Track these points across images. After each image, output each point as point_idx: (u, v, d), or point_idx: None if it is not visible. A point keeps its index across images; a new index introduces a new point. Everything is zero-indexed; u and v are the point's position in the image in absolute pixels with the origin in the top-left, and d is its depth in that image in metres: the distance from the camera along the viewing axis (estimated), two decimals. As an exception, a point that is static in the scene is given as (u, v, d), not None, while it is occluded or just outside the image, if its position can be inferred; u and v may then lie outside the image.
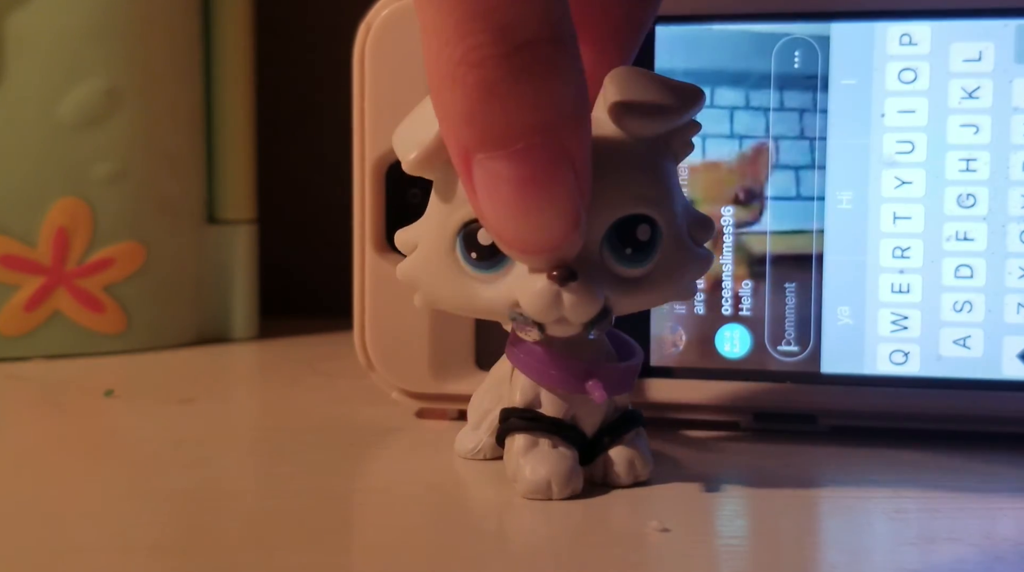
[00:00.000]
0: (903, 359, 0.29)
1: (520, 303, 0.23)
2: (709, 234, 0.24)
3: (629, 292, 0.23)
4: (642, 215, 0.23)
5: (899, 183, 0.29)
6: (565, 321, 0.23)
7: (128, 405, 0.34)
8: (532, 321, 0.23)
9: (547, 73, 0.20)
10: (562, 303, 0.22)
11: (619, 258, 0.23)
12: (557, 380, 0.25)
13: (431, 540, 0.23)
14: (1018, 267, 0.29)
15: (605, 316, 0.23)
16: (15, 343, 0.41)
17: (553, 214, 0.21)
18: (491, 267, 0.23)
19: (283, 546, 0.22)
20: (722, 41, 0.30)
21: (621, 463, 0.25)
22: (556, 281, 0.22)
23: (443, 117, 0.21)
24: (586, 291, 0.22)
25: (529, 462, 0.24)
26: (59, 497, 0.25)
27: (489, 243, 0.23)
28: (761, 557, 0.22)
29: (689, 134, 0.24)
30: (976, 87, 0.29)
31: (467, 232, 0.23)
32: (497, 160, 0.21)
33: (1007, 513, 0.24)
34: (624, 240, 0.23)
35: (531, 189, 0.21)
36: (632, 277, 0.23)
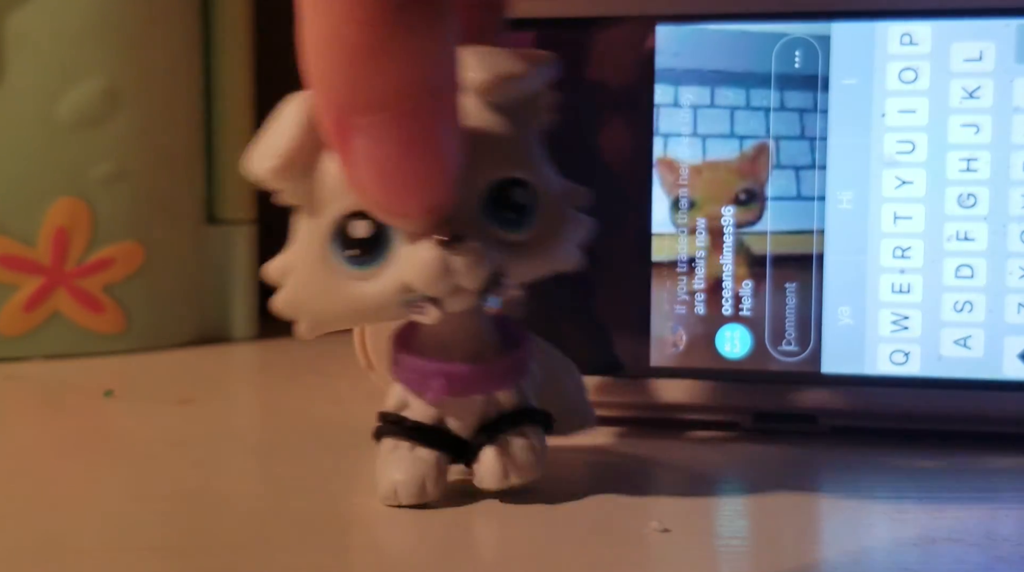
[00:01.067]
0: (904, 359, 0.29)
1: (410, 280, 0.22)
2: (583, 199, 0.24)
3: (518, 256, 0.23)
4: (515, 178, 0.23)
5: (900, 183, 0.29)
6: (460, 290, 0.22)
7: (127, 405, 0.34)
8: (426, 298, 0.22)
9: (431, 30, 0.20)
10: (453, 268, 0.22)
11: (501, 223, 0.23)
12: (405, 380, 0.24)
13: (432, 539, 0.23)
14: (1019, 267, 0.29)
15: (498, 281, 0.23)
16: (14, 343, 0.41)
17: (433, 176, 0.21)
18: (372, 260, 0.23)
19: (283, 546, 0.22)
20: (722, 41, 0.30)
21: (485, 466, 0.24)
22: (443, 245, 0.22)
23: (321, 83, 0.21)
24: (475, 252, 0.22)
25: (381, 467, 0.24)
26: (59, 497, 0.25)
27: (364, 234, 0.22)
28: (761, 557, 0.22)
29: (548, 101, 0.24)
30: (977, 87, 0.29)
31: (339, 231, 0.23)
32: (379, 124, 0.20)
33: (1008, 513, 0.24)
34: (502, 204, 0.23)
35: (413, 151, 0.21)
36: (518, 242, 0.23)
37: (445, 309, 0.23)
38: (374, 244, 0.22)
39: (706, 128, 0.30)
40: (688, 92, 0.30)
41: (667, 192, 0.30)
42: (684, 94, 0.30)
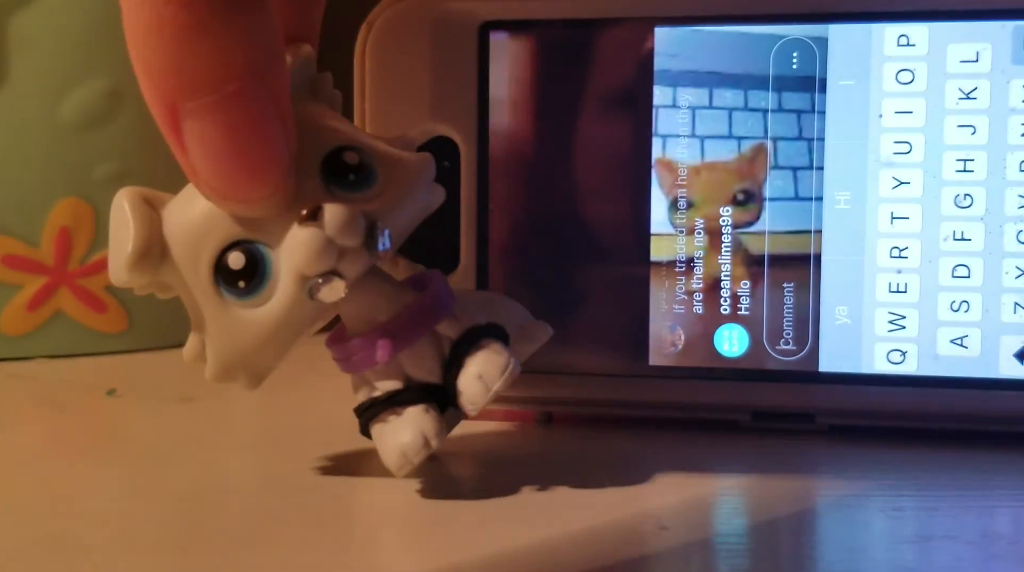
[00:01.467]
0: (901, 358, 0.29)
1: (302, 267, 0.23)
2: (411, 144, 0.25)
3: (381, 210, 0.24)
4: (341, 146, 0.24)
5: (896, 183, 0.29)
6: (348, 251, 0.23)
7: (130, 404, 0.34)
8: (327, 275, 0.23)
9: (251, 12, 0.21)
10: (331, 231, 0.23)
11: (347, 187, 0.24)
12: (357, 366, 0.25)
13: (432, 539, 0.23)
14: (1015, 267, 0.29)
15: (376, 228, 0.23)
16: (18, 342, 0.41)
17: (267, 156, 0.22)
18: (260, 283, 0.23)
19: (284, 544, 0.22)
20: (721, 42, 0.30)
21: (465, 391, 0.25)
22: (308, 219, 0.23)
23: (147, 72, 0.21)
24: (339, 210, 0.23)
25: (383, 445, 0.25)
26: (61, 495, 0.25)
27: (240, 264, 0.23)
28: (760, 555, 0.22)
29: (326, 86, 0.25)
30: (973, 88, 0.29)
31: (218, 273, 0.23)
32: (209, 106, 0.21)
33: (1004, 511, 0.24)
34: (340, 170, 0.23)
35: (245, 131, 0.21)
36: (370, 199, 0.24)
37: (347, 276, 0.23)
38: (253, 268, 0.23)
39: (704, 129, 0.30)
40: (687, 93, 0.30)
41: (666, 192, 0.30)
42: (683, 95, 0.30)
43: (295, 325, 0.24)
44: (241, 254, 0.23)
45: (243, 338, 0.24)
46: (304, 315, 0.24)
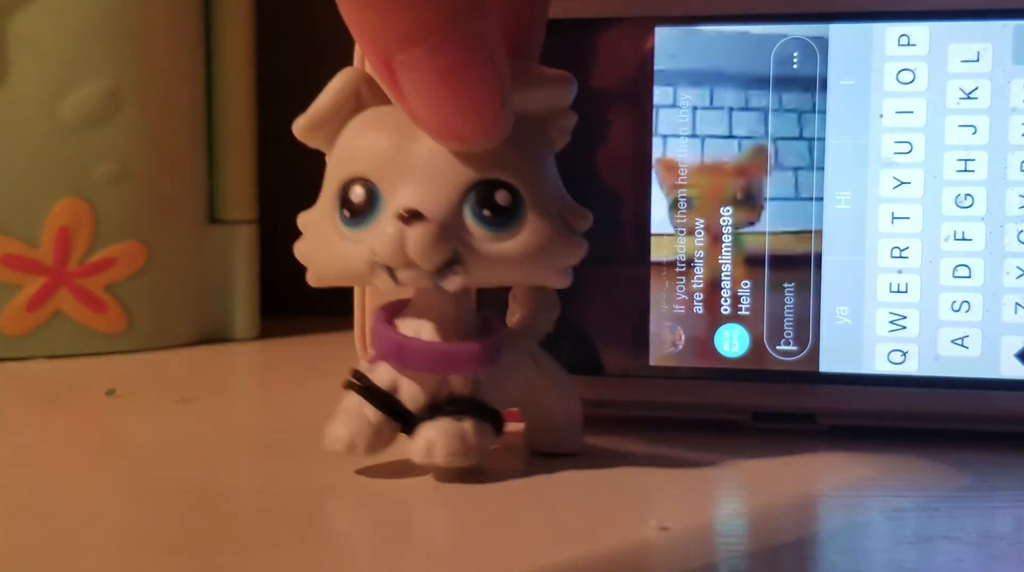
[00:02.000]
0: (901, 358, 0.29)
1: (374, 247, 0.24)
2: (583, 223, 0.25)
3: (488, 256, 0.24)
4: (503, 181, 0.24)
5: (897, 183, 0.29)
6: (412, 265, 0.24)
7: (129, 405, 0.34)
8: (384, 267, 0.24)
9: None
10: (407, 243, 0.23)
11: (477, 219, 0.24)
12: (373, 341, 0.26)
13: (433, 539, 0.23)
14: (1016, 267, 0.29)
15: (452, 265, 0.24)
16: (17, 343, 0.41)
17: (478, 97, 0.23)
18: (360, 223, 0.24)
19: (284, 546, 0.22)
20: (721, 42, 0.30)
21: (417, 440, 0.25)
22: (402, 220, 0.24)
23: (359, 31, 0.22)
24: (432, 234, 0.24)
25: (334, 417, 0.26)
26: (60, 496, 0.25)
27: (358, 200, 0.24)
28: (760, 556, 0.22)
29: (564, 122, 0.25)
30: (974, 88, 0.29)
31: (343, 192, 0.25)
32: (417, 56, 0.22)
33: (1005, 512, 0.24)
34: (483, 202, 0.24)
35: (453, 76, 0.22)
36: (491, 242, 0.24)
37: (397, 280, 0.24)
38: (364, 209, 0.24)
39: (705, 129, 0.30)
40: (687, 93, 0.30)
41: (666, 192, 0.30)
42: (683, 95, 0.30)
43: (354, 275, 0.25)
44: (362, 193, 0.24)
45: (324, 250, 0.25)
46: (361, 275, 0.25)
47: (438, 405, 0.25)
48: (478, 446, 0.25)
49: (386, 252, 0.24)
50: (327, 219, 0.25)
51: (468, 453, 0.25)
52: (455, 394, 0.25)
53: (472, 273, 0.24)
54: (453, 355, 0.25)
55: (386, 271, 0.24)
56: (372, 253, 0.24)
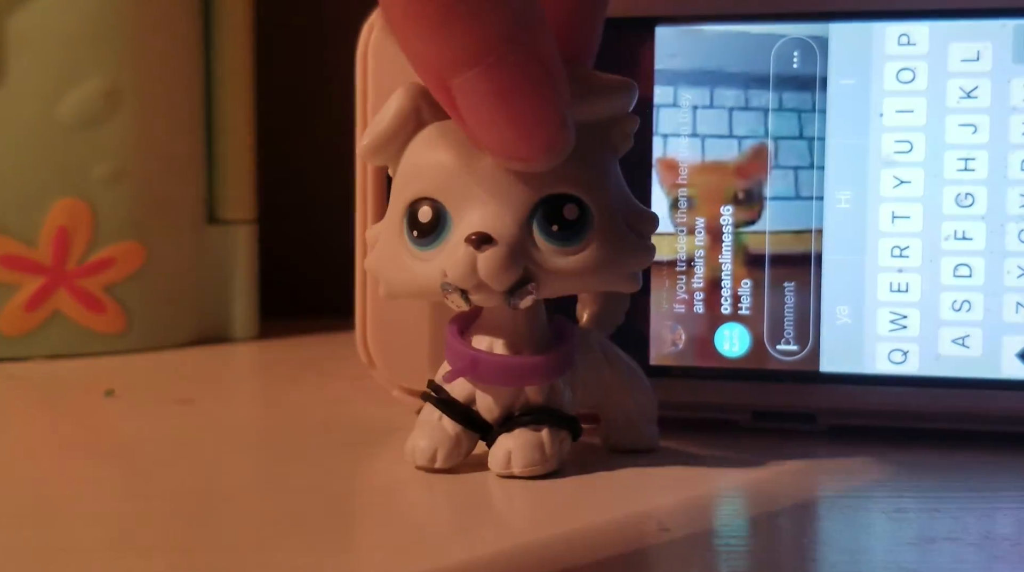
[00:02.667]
0: (902, 358, 0.29)
1: (446, 270, 0.24)
2: (651, 227, 0.25)
3: (557, 270, 0.24)
4: (569, 194, 0.24)
5: (898, 183, 0.29)
6: (485, 287, 0.24)
7: (128, 405, 0.34)
8: (456, 288, 0.24)
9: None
10: (479, 268, 0.24)
11: (546, 235, 0.24)
12: (447, 356, 0.26)
13: (432, 539, 0.23)
14: (1017, 266, 0.29)
15: (523, 285, 0.24)
16: (15, 343, 0.41)
17: (538, 117, 0.23)
18: (429, 244, 0.25)
19: (283, 546, 0.22)
20: (721, 41, 0.30)
21: (496, 451, 0.26)
22: (472, 245, 0.24)
23: (415, 58, 0.22)
24: (502, 256, 0.24)
25: (415, 428, 0.26)
26: (59, 497, 0.25)
27: (425, 220, 0.24)
28: (760, 556, 0.22)
29: (627, 126, 0.25)
30: (974, 87, 0.29)
31: (410, 212, 0.25)
32: (473, 79, 0.22)
33: (1007, 512, 0.24)
34: (551, 218, 0.24)
35: (511, 97, 0.22)
36: (561, 256, 0.24)
37: (471, 302, 0.24)
38: (432, 229, 0.24)
39: (705, 128, 0.30)
40: (687, 92, 0.30)
41: (666, 192, 0.30)
42: (683, 94, 0.30)
43: (426, 293, 0.25)
44: (430, 213, 0.24)
45: (394, 267, 0.25)
46: (432, 293, 0.25)
47: (514, 415, 0.26)
48: (555, 454, 0.26)
49: (458, 276, 0.24)
50: (396, 236, 0.25)
51: (546, 462, 0.25)
52: (530, 403, 0.26)
53: (544, 289, 0.24)
54: (526, 368, 0.26)
55: (459, 293, 0.24)
56: (444, 275, 0.24)
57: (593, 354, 0.27)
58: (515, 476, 0.25)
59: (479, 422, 0.26)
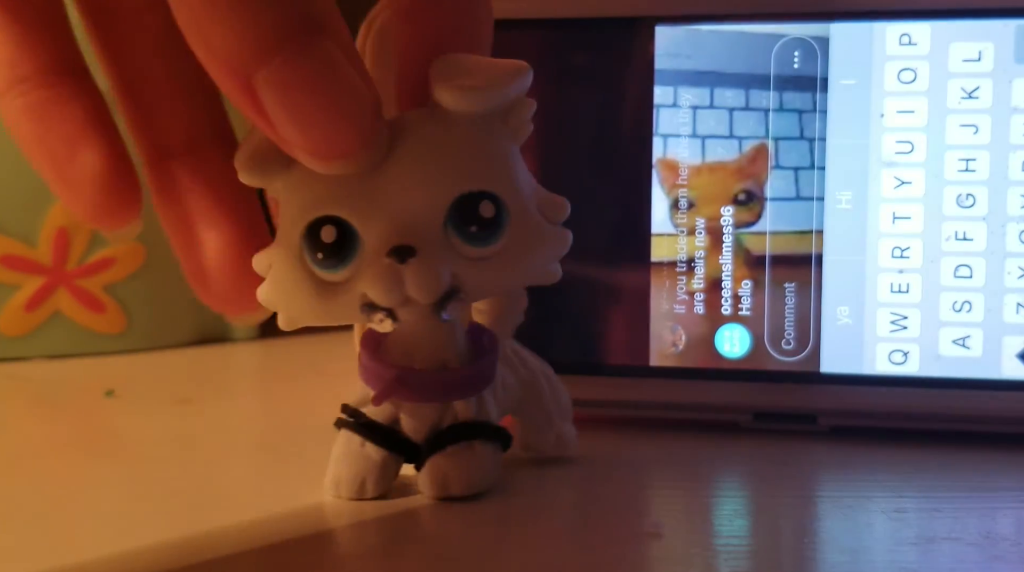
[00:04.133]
0: (902, 359, 0.29)
1: (366, 290, 0.22)
2: (563, 213, 0.24)
3: (481, 272, 0.23)
4: (483, 191, 0.23)
5: (898, 183, 0.29)
6: (412, 302, 0.22)
7: (128, 405, 0.34)
8: (381, 309, 0.22)
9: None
10: (404, 281, 0.22)
11: (465, 237, 0.22)
12: (364, 379, 0.25)
13: (430, 539, 0.23)
14: (1017, 267, 0.29)
15: (453, 295, 0.23)
16: (15, 343, 0.41)
17: (352, 107, 0.21)
18: (338, 264, 0.22)
19: (283, 546, 0.22)
20: (721, 42, 0.30)
21: (429, 475, 0.24)
22: (395, 258, 0.22)
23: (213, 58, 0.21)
24: (428, 267, 0.22)
25: (332, 458, 0.25)
26: (59, 496, 0.25)
27: (330, 239, 0.22)
28: (761, 556, 0.22)
29: (524, 111, 0.23)
30: (975, 87, 0.29)
31: (309, 233, 0.23)
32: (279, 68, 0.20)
33: (1006, 512, 0.24)
34: (468, 218, 0.22)
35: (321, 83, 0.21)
36: (482, 256, 0.23)
37: (399, 320, 0.23)
38: (339, 248, 0.22)
39: (706, 129, 0.30)
40: (687, 93, 0.30)
41: (667, 192, 0.30)
42: (683, 95, 0.30)
43: (340, 317, 0.23)
44: (334, 232, 0.22)
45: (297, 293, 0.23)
46: (350, 317, 0.23)
47: (442, 432, 0.24)
48: (493, 469, 0.25)
49: (382, 294, 0.22)
50: (294, 261, 0.23)
51: (484, 479, 0.25)
52: (459, 419, 0.24)
53: (470, 293, 0.23)
54: (456, 382, 0.24)
55: (385, 313, 0.22)
56: (363, 296, 0.22)
57: (506, 356, 0.26)
58: (454, 498, 0.24)
59: (406, 444, 0.25)
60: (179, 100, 0.23)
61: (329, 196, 0.22)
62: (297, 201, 0.23)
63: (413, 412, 0.24)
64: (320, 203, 0.22)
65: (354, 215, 0.22)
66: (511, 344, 0.27)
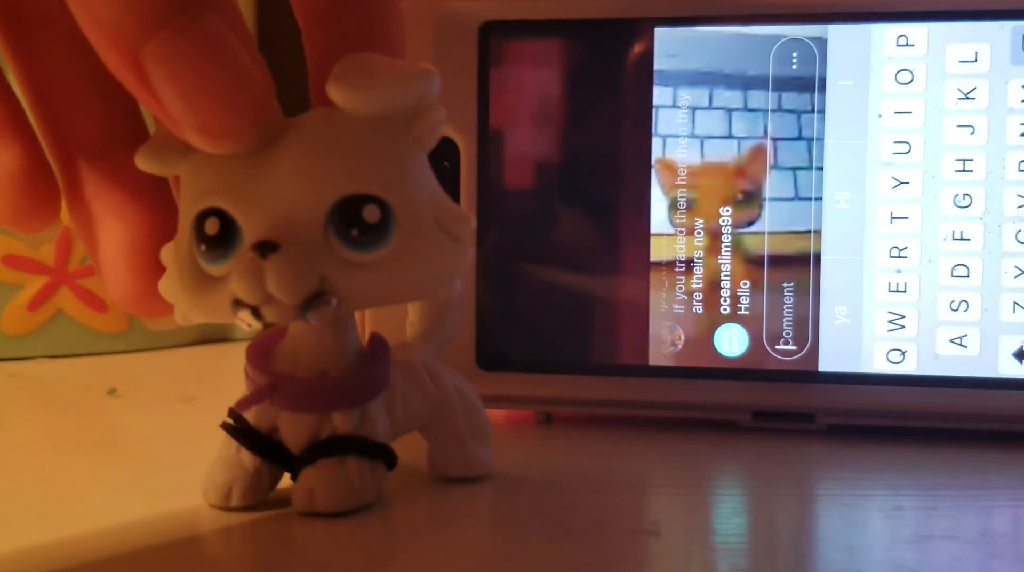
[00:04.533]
0: (900, 358, 0.29)
1: (232, 286, 0.21)
2: (461, 225, 0.22)
3: (361, 279, 0.21)
4: (368, 195, 0.21)
5: (896, 183, 0.29)
6: (275, 301, 0.21)
7: (130, 404, 0.35)
8: (247, 306, 0.21)
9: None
10: (265, 278, 0.21)
11: (345, 240, 0.21)
12: (246, 383, 0.24)
13: (429, 539, 0.23)
14: (1014, 266, 0.29)
15: (320, 297, 0.21)
16: (18, 342, 0.42)
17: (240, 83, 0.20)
18: (220, 257, 0.21)
19: (283, 546, 0.22)
20: (721, 42, 0.30)
21: (298, 489, 0.23)
22: (257, 252, 0.21)
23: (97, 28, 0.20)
24: (293, 266, 0.21)
25: (211, 463, 0.24)
26: (61, 495, 0.25)
27: (212, 231, 0.21)
28: (759, 554, 0.22)
29: (430, 119, 0.22)
30: (972, 88, 0.29)
31: (197, 224, 0.22)
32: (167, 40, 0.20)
33: (1003, 510, 0.24)
34: (349, 221, 0.21)
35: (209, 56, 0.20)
36: (363, 263, 0.21)
37: (265, 319, 0.21)
38: (221, 242, 0.21)
39: (704, 129, 0.30)
40: (686, 93, 0.30)
41: (665, 193, 0.30)
42: (682, 95, 0.30)
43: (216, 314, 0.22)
44: (216, 224, 0.21)
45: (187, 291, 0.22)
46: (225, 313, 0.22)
47: (317, 445, 0.23)
48: (364, 487, 0.23)
49: (243, 289, 0.21)
50: (186, 253, 0.22)
51: (352, 497, 0.23)
52: (338, 431, 0.23)
53: (346, 301, 0.21)
54: (331, 392, 0.23)
55: (249, 310, 0.21)
56: (231, 291, 0.21)
57: (414, 371, 0.25)
58: (319, 514, 0.23)
59: (282, 454, 0.23)
60: (91, 102, 0.23)
61: (216, 187, 0.22)
62: (189, 191, 0.22)
63: (291, 421, 0.23)
64: (207, 194, 0.22)
65: (236, 207, 0.21)
66: (428, 361, 0.25)
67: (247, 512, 0.24)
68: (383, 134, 0.22)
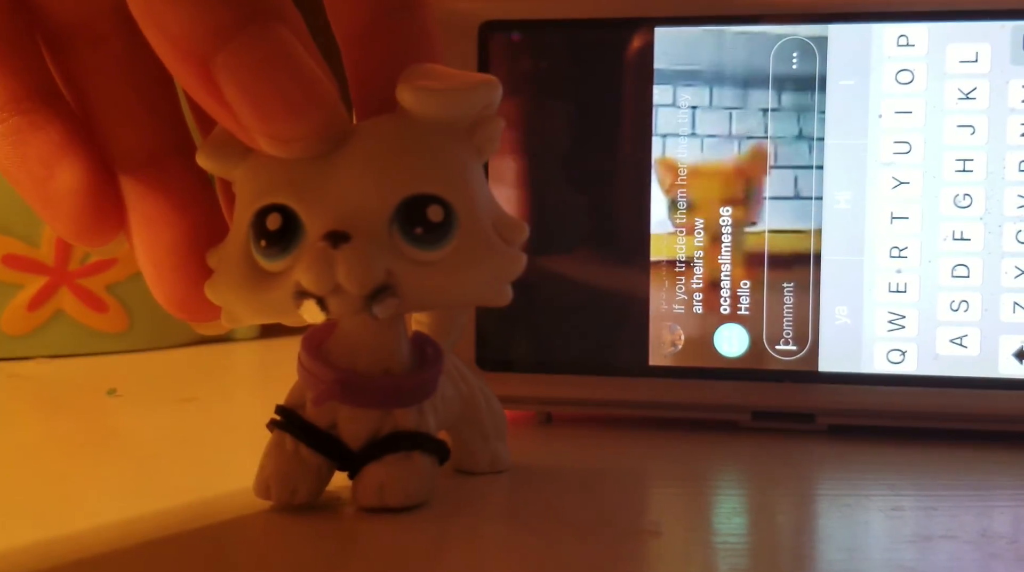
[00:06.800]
0: (900, 358, 0.29)
1: (299, 275, 0.22)
2: (520, 235, 0.23)
3: (421, 276, 0.22)
4: (433, 195, 0.22)
5: (896, 183, 0.29)
6: (343, 292, 0.21)
7: (130, 404, 0.35)
8: (312, 296, 0.22)
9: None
10: (335, 267, 0.21)
11: (409, 238, 0.22)
12: (304, 379, 0.24)
13: (429, 538, 0.23)
14: (1014, 266, 0.29)
15: (386, 290, 0.22)
16: (18, 342, 0.42)
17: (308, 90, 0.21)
18: (280, 252, 0.22)
19: (283, 546, 0.22)
20: (721, 42, 0.30)
21: (366, 484, 0.23)
22: (329, 242, 0.21)
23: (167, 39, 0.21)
24: (361, 256, 0.21)
25: (263, 461, 0.24)
26: (61, 495, 0.25)
27: (274, 227, 0.22)
28: (759, 555, 0.22)
29: (491, 129, 0.23)
30: (972, 88, 0.29)
31: (257, 221, 0.22)
32: (236, 50, 0.20)
33: (1003, 511, 0.24)
34: (414, 219, 0.22)
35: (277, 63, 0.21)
36: (426, 261, 0.22)
37: (331, 311, 0.22)
38: (282, 237, 0.22)
39: (704, 129, 0.30)
40: (687, 93, 0.30)
41: (665, 192, 0.30)
42: (682, 95, 0.30)
43: (275, 312, 0.23)
44: (278, 219, 0.22)
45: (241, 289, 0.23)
46: (284, 307, 0.22)
47: (380, 441, 0.23)
48: (430, 481, 0.24)
49: (312, 279, 0.21)
50: (241, 251, 0.22)
51: (422, 490, 0.23)
52: (399, 428, 0.23)
53: (407, 297, 0.22)
54: (402, 389, 0.23)
55: (316, 301, 0.22)
56: (298, 284, 0.22)
57: (447, 370, 0.25)
58: (389, 509, 0.23)
59: (341, 451, 0.24)
60: (140, 116, 0.23)
61: (279, 184, 0.22)
62: (249, 190, 0.23)
63: (353, 417, 0.23)
64: (269, 191, 0.22)
65: (300, 203, 0.22)
66: (452, 358, 0.26)
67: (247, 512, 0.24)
68: (447, 139, 0.22)
